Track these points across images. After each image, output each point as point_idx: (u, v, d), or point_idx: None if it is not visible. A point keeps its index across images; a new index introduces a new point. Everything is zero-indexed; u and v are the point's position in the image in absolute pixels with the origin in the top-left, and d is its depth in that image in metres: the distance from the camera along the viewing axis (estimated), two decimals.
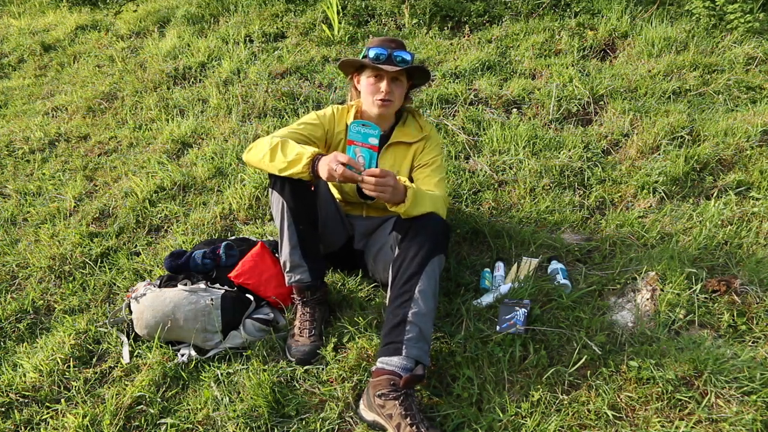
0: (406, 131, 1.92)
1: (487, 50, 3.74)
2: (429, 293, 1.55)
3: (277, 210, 1.73)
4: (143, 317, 1.79)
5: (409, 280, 1.56)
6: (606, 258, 2.07)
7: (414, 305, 1.53)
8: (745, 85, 3.11)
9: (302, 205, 1.71)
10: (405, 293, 1.55)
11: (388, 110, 1.84)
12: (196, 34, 4.65)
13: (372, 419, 1.48)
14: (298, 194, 1.69)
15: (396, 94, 1.80)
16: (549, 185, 2.52)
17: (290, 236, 1.73)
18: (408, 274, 1.56)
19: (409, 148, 1.91)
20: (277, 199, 1.71)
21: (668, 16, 3.90)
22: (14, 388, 1.73)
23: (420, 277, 1.55)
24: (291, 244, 1.73)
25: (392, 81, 1.78)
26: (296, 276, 1.77)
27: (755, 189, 2.37)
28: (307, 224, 1.74)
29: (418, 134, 1.92)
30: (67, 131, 3.67)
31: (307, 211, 1.74)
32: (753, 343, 1.63)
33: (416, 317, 1.52)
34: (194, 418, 1.57)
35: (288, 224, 1.72)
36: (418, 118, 1.97)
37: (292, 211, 1.70)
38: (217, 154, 3.05)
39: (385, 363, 1.50)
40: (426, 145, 1.91)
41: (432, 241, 1.59)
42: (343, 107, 1.94)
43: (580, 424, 1.44)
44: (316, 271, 1.78)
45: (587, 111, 3.09)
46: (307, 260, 1.76)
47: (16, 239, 2.62)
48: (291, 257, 1.75)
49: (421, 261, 1.56)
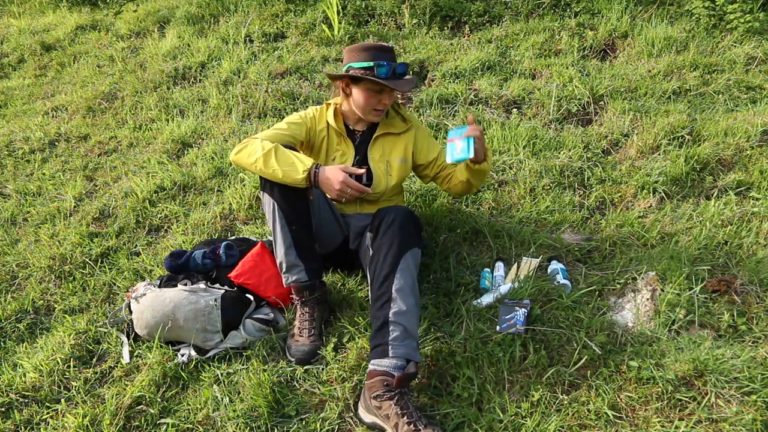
0: (391, 122, 1.99)
1: (487, 50, 3.73)
2: (407, 290, 1.56)
3: (268, 211, 1.73)
4: (143, 317, 1.79)
5: (385, 280, 1.56)
6: (606, 258, 2.07)
7: (393, 305, 1.54)
8: (745, 85, 3.11)
9: (294, 207, 1.71)
10: (383, 295, 1.56)
11: (380, 118, 1.93)
12: (196, 34, 4.66)
13: (371, 421, 1.48)
14: (288, 196, 1.70)
15: (389, 103, 1.89)
16: (549, 185, 2.52)
17: (284, 237, 1.73)
18: (383, 274, 1.57)
19: (397, 138, 1.98)
20: (268, 200, 1.71)
21: (668, 16, 3.90)
22: (14, 388, 1.73)
23: (395, 275, 1.56)
24: (285, 245, 1.73)
25: (389, 92, 1.85)
26: (293, 276, 1.77)
27: (755, 189, 2.37)
28: (300, 225, 1.74)
29: (404, 125, 2.00)
30: (67, 131, 3.67)
31: (300, 212, 1.73)
32: (753, 343, 1.63)
33: (397, 317, 1.52)
34: (194, 418, 1.57)
35: (281, 225, 1.72)
36: (399, 109, 2.04)
37: (284, 212, 1.71)
38: (217, 154, 3.05)
39: (376, 365, 1.51)
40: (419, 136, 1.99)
41: (400, 236, 1.60)
42: (321, 107, 2.00)
43: (580, 424, 1.44)
44: (313, 271, 1.78)
45: (587, 111, 3.09)
46: (303, 260, 1.76)
47: (16, 239, 2.62)
48: (287, 257, 1.75)
49: (393, 260, 1.58)
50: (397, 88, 1.81)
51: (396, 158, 1.95)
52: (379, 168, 1.92)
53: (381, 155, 1.94)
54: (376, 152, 1.94)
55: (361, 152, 1.94)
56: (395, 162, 1.95)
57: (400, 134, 1.98)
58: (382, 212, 1.69)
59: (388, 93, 1.84)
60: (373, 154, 1.94)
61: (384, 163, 1.93)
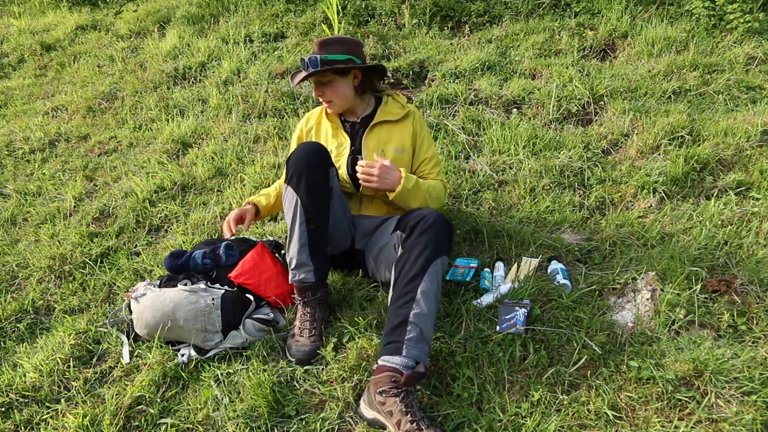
0: (388, 110, 2.00)
1: (487, 50, 3.74)
2: (431, 295, 1.55)
3: (290, 206, 1.74)
4: (143, 317, 1.79)
5: (412, 281, 1.56)
6: (606, 258, 2.07)
7: (416, 306, 1.53)
8: (745, 85, 3.11)
9: (316, 206, 1.72)
10: (407, 294, 1.55)
11: (334, 110, 1.99)
12: (196, 34, 4.66)
13: (372, 417, 1.47)
14: (314, 192, 1.71)
15: (330, 94, 1.92)
16: (549, 185, 2.52)
17: (300, 234, 1.73)
18: (411, 275, 1.57)
19: (393, 126, 1.99)
20: (291, 195, 1.72)
21: (668, 16, 3.90)
22: (14, 388, 1.73)
23: (423, 278, 1.55)
24: (300, 243, 1.74)
25: (320, 85, 1.92)
26: (300, 275, 1.77)
27: (755, 189, 2.37)
28: (319, 224, 1.75)
29: (401, 111, 2.01)
30: (67, 131, 3.67)
31: (320, 211, 1.74)
32: (753, 343, 1.62)
33: (417, 318, 1.52)
34: (194, 418, 1.57)
35: (299, 222, 1.72)
36: (397, 98, 2.06)
37: (305, 209, 1.71)
38: (217, 154, 3.05)
39: (386, 361, 1.50)
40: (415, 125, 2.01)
41: (435, 242, 1.60)
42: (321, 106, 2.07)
43: (580, 424, 1.44)
44: (320, 272, 1.78)
45: (587, 111, 3.09)
46: (313, 260, 1.76)
47: (16, 239, 2.63)
48: (299, 255, 1.75)
49: (424, 262, 1.57)
50: (292, 80, 1.95)
51: (392, 147, 1.95)
52: (373, 158, 1.91)
53: (376, 144, 1.95)
54: (371, 141, 1.95)
55: (356, 142, 1.96)
56: (390, 151, 1.94)
57: (396, 122, 1.98)
58: (419, 213, 1.67)
59: (314, 85, 1.93)
60: (368, 143, 1.95)
61: (379, 152, 1.94)
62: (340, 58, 1.86)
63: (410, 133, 1.98)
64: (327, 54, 1.85)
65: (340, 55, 1.86)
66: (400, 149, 1.95)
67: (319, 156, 1.73)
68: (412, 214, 1.69)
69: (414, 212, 1.70)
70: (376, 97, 2.06)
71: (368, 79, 1.99)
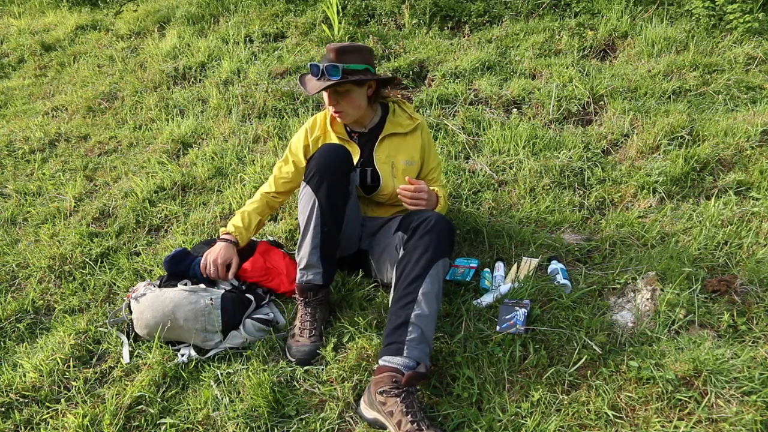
0: (397, 121, 1.98)
1: (487, 50, 3.74)
2: (432, 296, 1.55)
3: (305, 205, 1.73)
4: (143, 317, 1.79)
5: (414, 282, 1.56)
6: (606, 258, 2.07)
7: (417, 307, 1.53)
8: (745, 85, 3.11)
9: (333, 209, 1.72)
10: (408, 295, 1.55)
11: (345, 120, 1.91)
12: (196, 34, 4.66)
13: (372, 417, 1.48)
14: (333, 196, 1.70)
15: (345, 105, 1.83)
16: (549, 185, 2.52)
17: (314, 236, 1.73)
18: (412, 276, 1.57)
19: (403, 138, 1.96)
20: (309, 195, 1.71)
21: (668, 16, 3.90)
22: (14, 388, 1.73)
23: (424, 279, 1.56)
24: (312, 244, 1.74)
25: (336, 94, 1.82)
26: (309, 276, 1.77)
27: (755, 189, 2.37)
28: (333, 226, 1.75)
29: (410, 123, 1.98)
30: (67, 131, 3.67)
31: (336, 214, 1.74)
32: (753, 343, 1.62)
33: (418, 319, 1.52)
34: (194, 418, 1.57)
35: (314, 224, 1.72)
36: (405, 107, 2.02)
37: (323, 211, 1.71)
38: (217, 154, 3.05)
39: (387, 361, 1.50)
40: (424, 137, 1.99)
41: (437, 244, 1.59)
42: (324, 111, 2.02)
43: (580, 424, 1.44)
44: (328, 276, 1.79)
45: (587, 111, 3.09)
46: (323, 263, 1.76)
47: (16, 239, 2.62)
48: (309, 256, 1.75)
49: (426, 264, 1.57)
50: (305, 87, 1.83)
51: (401, 160, 1.94)
52: (384, 169, 1.92)
53: (387, 156, 1.93)
54: (382, 153, 1.93)
55: (365, 153, 1.94)
56: (400, 164, 1.93)
57: (406, 134, 1.96)
58: (421, 215, 1.67)
59: (329, 94, 1.82)
60: (379, 155, 1.93)
61: (389, 164, 1.92)
62: (359, 68, 1.79)
63: (419, 146, 1.97)
64: (347, 63, 1.76)
65: (359, 65, 1.78)
66: (409, 161, 1.95)
67: (343, 161, 1.73)
68: (415, 216, 1.69)
69: (416, 214, 1.70)
70: (382, 105, 2.02)
71: (380, 89, 1.95)
